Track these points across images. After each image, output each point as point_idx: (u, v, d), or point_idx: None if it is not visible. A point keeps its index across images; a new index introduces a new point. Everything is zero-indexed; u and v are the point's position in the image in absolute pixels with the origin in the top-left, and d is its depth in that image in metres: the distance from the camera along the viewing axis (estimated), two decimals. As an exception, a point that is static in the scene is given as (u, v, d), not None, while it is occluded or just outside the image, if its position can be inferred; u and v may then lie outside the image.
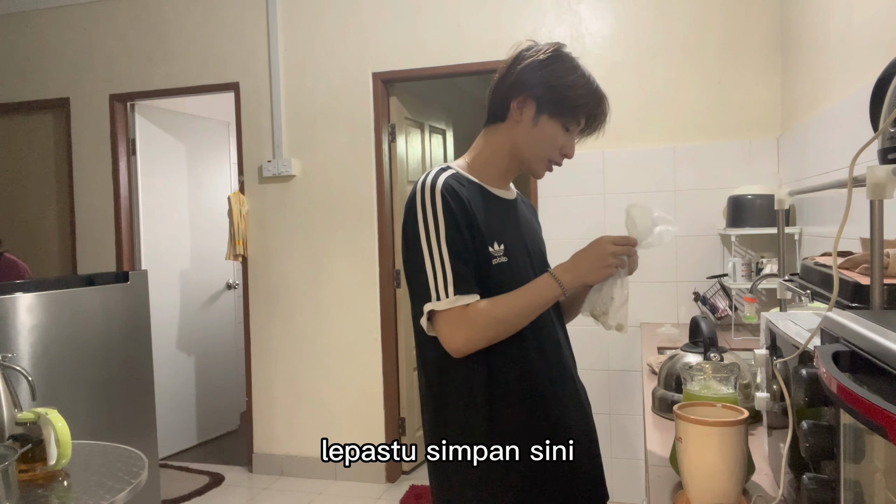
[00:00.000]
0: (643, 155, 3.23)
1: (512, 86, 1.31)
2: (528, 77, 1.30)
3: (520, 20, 3.38)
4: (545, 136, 1.31)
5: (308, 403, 3.78)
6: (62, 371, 2.38)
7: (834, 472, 0.77)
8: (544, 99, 1.29)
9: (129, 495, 1.40)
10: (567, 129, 1.32)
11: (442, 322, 1.22)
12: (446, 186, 1.25)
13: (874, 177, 0.90)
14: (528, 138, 1.32)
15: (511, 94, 1.31)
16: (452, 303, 1.20)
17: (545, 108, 1.30)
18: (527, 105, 1.30)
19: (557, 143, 1.32)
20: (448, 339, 1.22)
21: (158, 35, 3.98)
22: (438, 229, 1.22)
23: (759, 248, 3.06)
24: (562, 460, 1.31)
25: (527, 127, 1.31)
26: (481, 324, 1.21)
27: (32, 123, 4.29)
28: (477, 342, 1.22)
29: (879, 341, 0.62)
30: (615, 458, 3.29)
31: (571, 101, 1.29)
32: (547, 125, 1.31)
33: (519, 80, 1.30)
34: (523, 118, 1.31)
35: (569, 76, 1.29)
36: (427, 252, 1.22)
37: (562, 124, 1.31)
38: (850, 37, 2.06)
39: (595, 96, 1.31)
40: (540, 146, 1.32)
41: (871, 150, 0.97)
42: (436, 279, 1.21)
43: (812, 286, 1.17)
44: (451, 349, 1.23)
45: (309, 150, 3.75)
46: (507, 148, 1.35)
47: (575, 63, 1.32)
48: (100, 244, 4.10)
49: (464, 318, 1.21)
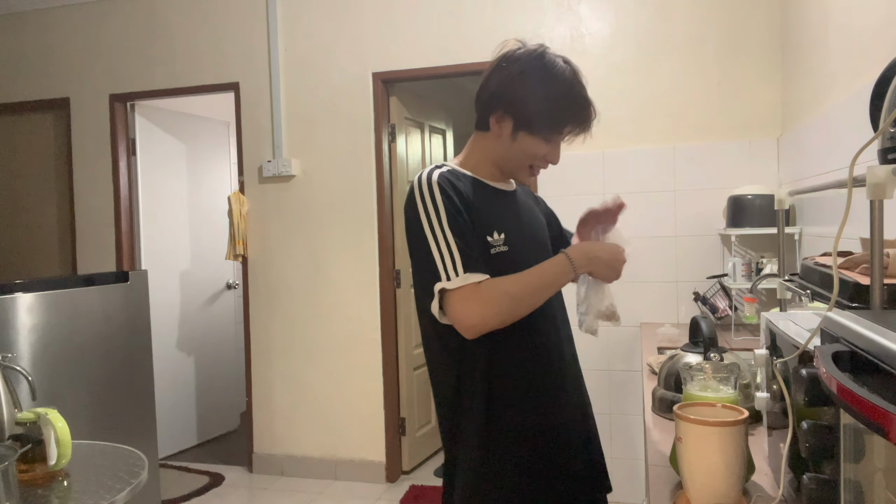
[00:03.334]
0: (643, 155, 3.23)
1: (490, 100, 1.30)
2: (504, 92, 1.27)
3: (520, 20, 3.38)
4: (525, 151, 1.30)
5: (308, 403, 3.78)
6: (62, 371, 2.39)
7: (834, 472, 0.77)
8: (521, 117, 1.27)
9: (129, 495, 1.40)
10: (548, 140, 1.30)
11: (455, 301, 1.20)
12: (442, 178, 1.26)
13: (874, 177, 0.90)
14: (507, 153, 1.32)
15: (489, 108, 1.30)
16: (464, 280, 1.19)
17: (522, 126, 1.28)
18: (504, 121, 1.29)
19: (539, 154, 1.31)
20: (462, 317, 1.20)
21: (158, 35, 3.98)
22: (440, 215, 1.22)
23: (759, 248, 3.06)
24: (560, 451, 1.32)
25: (506, 142, 1.30)
26: (495, 299, 1.20)
27: (32, 123, 4.29)
28: (492, 318, 1.20)
29: (879, 341, 0.62)
30: (615, 458, 3.29)
31: (549, 116, 1.27)
32: (526, 140, 1.29)
33: (496, 95, 1.28)
34: (503, 133, 1.30)
35: (546, 89, 1.26)
36: (432, 237, 1.22)
37: (541, 138, 1.29)
38: (850, 37, 2.06)
39: (575, 106, 1.28)
40: (519, 159, 1.32)
41: (871, 150, 0.97)
42: (444, 261, 1.20)
43: (812, 286, 1.17)
44: (466, 326, 1.20)
45: (309, 150, 3.75)
46: (491, 157, 1.35)
47: (554, 71, 1.27)
48: (100, 244, 4.10)
49: (477, 294, 1.19)
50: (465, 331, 1.22)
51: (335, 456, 3.75)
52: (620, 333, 3.26)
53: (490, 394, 1.27)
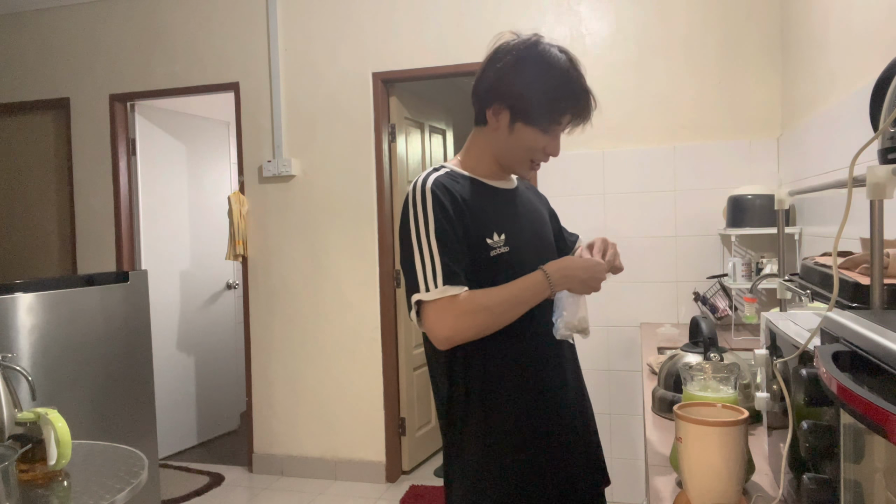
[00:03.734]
0: (643, 155, 3.23)
1: (486, 93, 1.29)
2: (500, 85, 1.26)
3: (520, 20, 3.38)
4: (523, 143, 1.30)
5: (308, 403, 3.78)
6: (62, 371, 2.39)
7: (834, 472, 0.77)
8: (517, 107, 1.26)
9: (129, 495, 1.40)
10: (546, 131, 1.29)
11: (429, 311, 1.21)
12: (436, 184, 1.25)
13: (874, 177, 0.90)
14: (505, 145, 1.31)
15: (485, 102, 1.29)
16: (441, 293, 1.20)
17: (519, 117, 1.27)
18: (501, 114, 1.28)
19: (538, 146, 1.31)
20: (434, 328, 1.21)
21: (158, 35, 3.98)
22: (428, 225, 1.22)
23: (759, 248, 3.06)
24: (559, 448, 1.32)
25: (504, 135, 1.30)
26: (470, 313, 1.20)
27: (32, 123, 4.29)
28: (465, 331, 1.21)
29: (879, 341, 0.62)
30: (615, 458, 3.29)
31: (546, 105, 1.26)
32: (523, 132, 1.28)
33: (492, 88, 1.28)
34: (500, 125, 1.29)
35: (542, 80, 1.25)
36: (417, 247, 1.22)
37: (539, 129, 1.28)
38: (850, 37, 2.06)
39: (573, 95, 1.27)
40: (518, 152, 1.31)
41: (871, 150, 0.97)
42: (425, 272, 1.21)
43: (812, 286, 1.17)
44: (438, 337, 1.22)
45: (309, 150, 3.75)
46: (490, 152, 1.34)
47: (549, 59, 1.25)
48: (100, 244, 4.10)
49: (452, 306, 1.20)
50: (437, 342, 1.23)
51: (335, 456, 3.75)
52: (620, 333, 3.27)
53: (488, 392, 1.28)
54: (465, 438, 1.29)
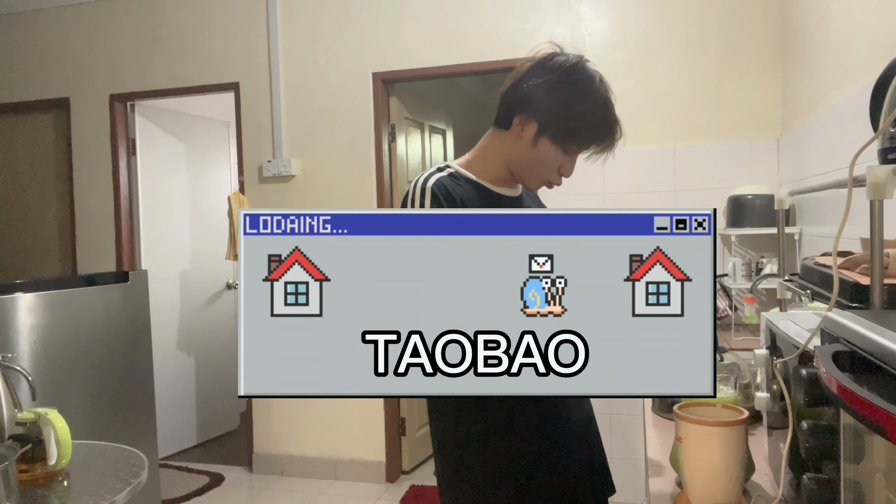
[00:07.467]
0: (643, 155, 3.23)
1: (519, 100, 1.27)
2: (536, 97, 1.25)
3: (520, 20, 3.38)
4: (543, 158, 1.28)
5: (308, 403, 3.78)
6: (62, 371, 2.38)
7: (834, 472, 0.77)
8: (548, 124, 1.25)
9: (129, 495, 1.40)
10: (567, 152, 1.29)
11: None
12: (438, 185, 1.24)
13: (874, 177, 0.90)
14: (525, 157, 1.29)
15: (516, 108, 1.27)
16: None
17: (547, 133, 1.26)
18: (529, 124, 1.26)
19: (555, 165, 1.30)
20: None
21: (158, 35, 3.98)
22: None
23: (759, 248, 3.06)
24: (560, 452, 1.32)
25: (526, 145, 1.28)
26: None
27: (32, 123, 4.29)
28: None
29: (879, 341, 0.62)
30: (615, 458, 3.28)
31: (576, 131, 1.26)
32: (547, 148, 1.27)
33: (526, 98, 1.25)
34: (524, 135, 1.27)
35: (579, 105, 1.24)
36: None
37: (562, 149, 1.27)
38: (850, 37, 2.06)
39: (604, 127, 1.27)
40: (536, 167, 1.30)
41: (871, 150, 0.97)
42: None
43: (812, 286, 1.17)
44: None
45: (309, 150, 3.75)
46: (505, 157, 1.32)
47: (591, 87, 1.25)
48: (100, 244, 4.09)
49: None
50: None
51: (335, 456, 3.75)
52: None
53: (483, 397, 1.27)
54: (458, 439, 1.29)
